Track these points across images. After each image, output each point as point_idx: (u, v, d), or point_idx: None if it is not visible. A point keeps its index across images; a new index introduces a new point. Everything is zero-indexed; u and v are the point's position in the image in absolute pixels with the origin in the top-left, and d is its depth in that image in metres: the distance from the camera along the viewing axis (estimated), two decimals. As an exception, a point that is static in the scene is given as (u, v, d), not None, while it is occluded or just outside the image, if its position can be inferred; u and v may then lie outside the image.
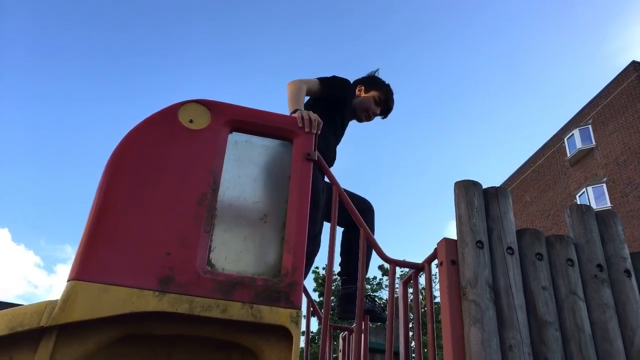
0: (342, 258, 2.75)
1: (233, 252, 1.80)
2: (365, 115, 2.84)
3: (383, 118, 2.89)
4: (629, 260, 1.86)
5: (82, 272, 1.60)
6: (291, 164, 2.01)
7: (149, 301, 1.59)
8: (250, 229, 1.88)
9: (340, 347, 2.81)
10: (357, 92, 2.85)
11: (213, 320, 1.64)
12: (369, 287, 17.65)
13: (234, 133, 2.04)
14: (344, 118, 2.78)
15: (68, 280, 1.59)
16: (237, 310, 1.64)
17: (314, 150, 2.05)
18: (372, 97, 2.82)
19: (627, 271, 1.82)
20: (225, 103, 2.05)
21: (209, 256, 1.75)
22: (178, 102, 2.00)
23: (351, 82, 2.83)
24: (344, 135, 2.84)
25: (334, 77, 2.70)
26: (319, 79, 2.63)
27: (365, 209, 2.55)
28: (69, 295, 1.55)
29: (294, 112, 2.20)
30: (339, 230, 2.76)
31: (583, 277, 1.78)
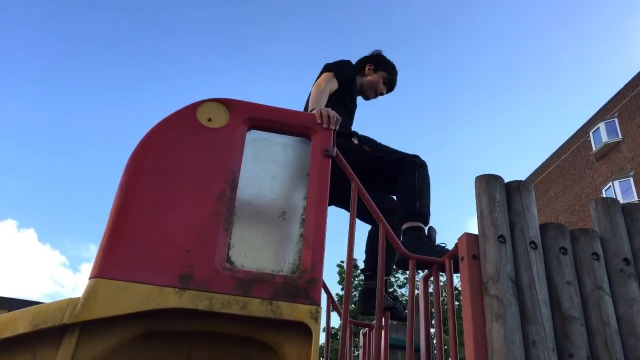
0: (366, 254, 2.75)
1: (252, 249, 1.80)
2: (372, 95, 2.94)
3: (386, 94, 2.99)
4: (657, 253, 1.81)
5: (104, 269, 1.62)
6: (310, 161, 2.01)
7: (169, 298, 1.60)
8: (269, 226, 1.89)
9: (361, 343, 2.80)
10: (366, 71, 2.91)
11: (233, 317, 1.64)
12: (394, 283, 17.59)
13: (252, 131, 2.04)
14: (352, 97, 2.86)
15: (90, 278, 1.61)
16: (256, 307, 1.64)
17: (333, 146, 2.04)
18: (381, 77, 2.90)
19: (655, 265, 1.77)
20: (243, 101, 2.06)
21: (228, 253, 1.76)
22: (197, 101, 2.01)
23: (352, 61, 2.90)
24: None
25: (339, 63, 2.77)
26: (332, 72, 2.69)
27: (393, 207, 2.51)
28: (90, 293, 1.57)
29: (313, 110, 2.22)
30: (364, 227, 2.76)
31: (609, 272, 1.74)
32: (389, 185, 2.48)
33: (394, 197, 2.61)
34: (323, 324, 2.47)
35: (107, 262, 1.63)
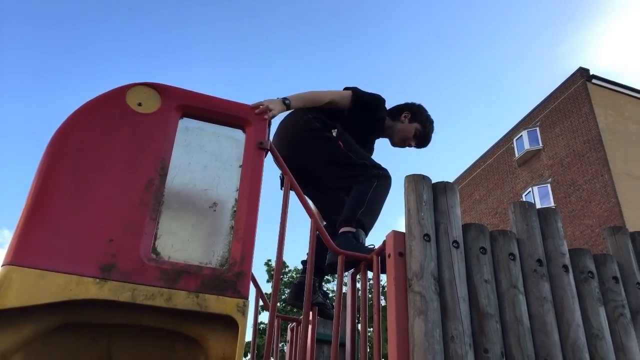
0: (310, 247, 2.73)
1: (180, 240, 1.76)
2: (400, 142, 2.81)
3: (417, 148, 2.87)
4: (567, 256, 1.94)
5: (18, 256, 1.52)
6: (243, 153, 1.98)
7: (89, 289, 1.53)
8: (199, 217, 1.85)
9: (289, 338, 2.81)
10: (402, 117, 2.78)
11: (157, 309, 1.60)
12: (330, 283, 17.71)
13: (185, 119, 1.99)
14: (372, 135, 2.75)
15: (2, 265, 1.51)
16: (181, 299, 1.61)
17: (267, 139, 2.03)
18: (414, 129, 2.78)
19: (565, 266, 1.90)
20: (176, 87, 2.00)
21: (154, 244, 1.71)
22: (126, 84, 1.93)
23: (386, 103, 2.78)
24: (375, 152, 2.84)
25: (369, 95, 2.67)
26: (353, 91, 2.62)
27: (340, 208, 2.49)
28: (2, 281, 1.47)
29: (282, 98, 2.26)
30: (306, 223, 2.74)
31: (524, 271, 1.84)
32: (345, 186, 2.44)
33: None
34: (251, 319, 2.46)
35: (22, 249, 1.54)
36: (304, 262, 2.66)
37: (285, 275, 16.99)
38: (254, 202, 1.88)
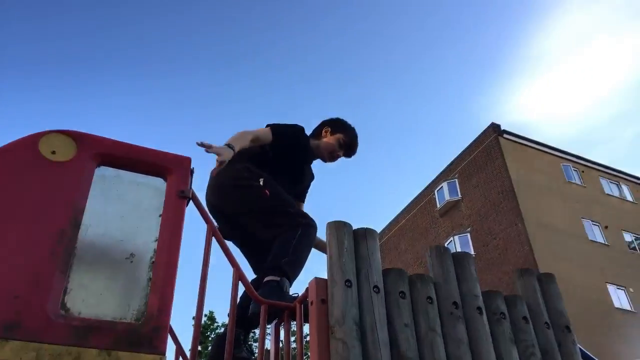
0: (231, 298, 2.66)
1: (93, 294, 1.68)
2: (329, 157, 2.92)
3: (347, 158, 2.99)
4: (481, 298, 2.03)
5: None
6: (164, 202, 1.95)
7: (-12, 349, 1.41)
8: (114, 269, 1.77)
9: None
10: (322, 133, 2.91)
11: (64, 369, 1.49)
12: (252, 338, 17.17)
13: (102, 167, 1.94)
14: (303, 162, 2.84)
15: None
16: (91, 358, 1.51)
17: (189, 187, 2.01)
18: (337, 140, 2.89)
19: (479, 308, 1.98)
20: (92, 135, 1.95)
21: (63, 298, 1.61)
22: (39, 131, 1.87)
23: (304, 126, 2.89)
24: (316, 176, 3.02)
25: (281, 125, 2.75)
26: (270, 126, 2.70)
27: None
28: None
29: (226, 144, 2.30)
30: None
31: (441, 314, 1.90)
32: (270, 234, 2.44)
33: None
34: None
35: None
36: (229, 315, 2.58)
37: (212, 332, 16.33)
38: (174, 252, 1.83)
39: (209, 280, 2.00)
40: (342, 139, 2.91)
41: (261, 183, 2.49)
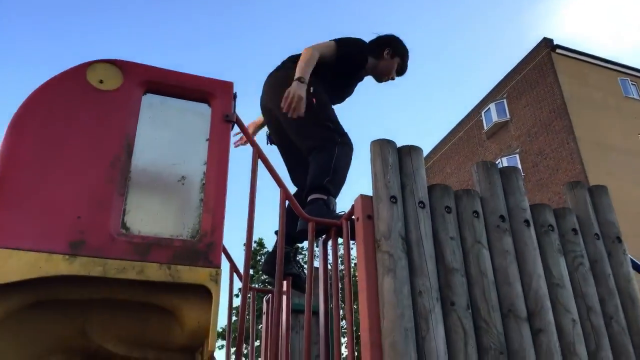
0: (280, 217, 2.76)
1: (149, 214, 1.77)
2: (385, 78, 2.93)
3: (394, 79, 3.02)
4: (529, 211, 2.01)
5: (-16, 237, 1.51)
6: (209, 126, 1.99)
7: (59, 265, 1.53)
8: (168, 191, 1.85)
9: (265, 309, 2.85)
10: (384, 54, 2.87)
11: (129, 283, 1.61)
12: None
13: (148, 95, 1.98)
14: (356, 79, 2.89)
15: (-32, 247, 1.50)
16: (154, 271, 1.62)
17: (233, 112, 2.04)
18: (397, 63, 2.89)
19: (526, 221, 1.97)
20: (137, 63, 1.98)
21: (123, 219, 1.71)
22: (85, 62, 1.91)
23: (366, 41, 2.91)
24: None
25: (347, 39, 2.80)
26: (335, 40, 2.73)
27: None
28: (-31, 262, 1.47)
29: (297, 79, 2.40)
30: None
31: (487, 227, 1.91)
32: (307, 145, 2.49)
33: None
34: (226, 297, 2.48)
35: (-12, 230, 1.53)
36: (276, 232, 2.68)
37: (261, 257, 17.04)
38: (222, 174, 1.89)
39: (256, 201, 2.07)
40: (400, 63, 2.89)
41: (311, 90, 2.50)
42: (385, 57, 2.86)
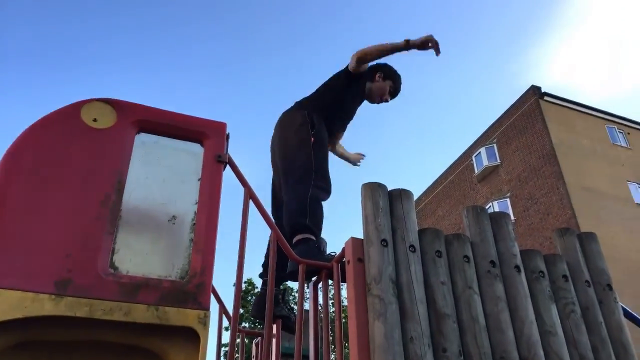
0: (265, 259, 2.75)
1: (138, 254, 1.75)
2: (378, 100, 3.09)
3: (390, 101, 3.17)
4: (519, 257, 2.02)
5: (-31, 275, 1.48)
6: (202, 166, 2.00)
7: (45, 305, 1.50)
8: (158, 231, 1.84)
9: (253, 353, 2.79)
10: (376, 77, 3.05)
11: (116, 324, 1.58)
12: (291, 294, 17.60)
13: (142, 134, 1.99)
14: (356, 96, 3.03)
15: (-48, 285, 1.47)
16: (141, 313, 1.59)
17: (225, 152, 2.05)
18: (388, 85, 3.06)
19: (517, 267, 1.97)
20: (132, 103, 2.00)
21: (112, 258, 1.69)
22: (80, 100, 1.93)
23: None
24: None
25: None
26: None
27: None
28: (-48, 301, 1.43)
29: (407, 41, 2.70)
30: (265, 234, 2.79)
31: (478, 273, 1.90)
32: (288, 194, 2.54)
33: None
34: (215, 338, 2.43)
35: (-27, 267, 1.50)
36: (261, 275, 2.67)
37: (252, 297, 16.77)
38: (214, 214, 1.89)
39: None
40: (392, 85, 3.06)
41: (312, 133, 2.65)
42: (377, 79, 3.04)
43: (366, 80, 3.00)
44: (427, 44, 2.70)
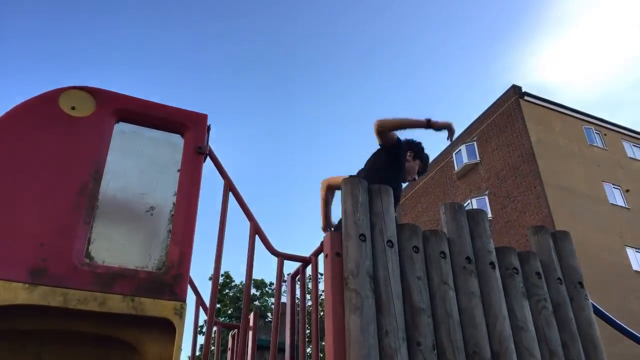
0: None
1: (115, 244, 1.74)
2: (409, 178, 3.08)
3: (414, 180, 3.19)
4: (494, 253, 2.05)
5: (-60, 262, 1.46)
6: (181, 157, 1.98)
7: (18, 294, 1.48)
8: (136, 221, 1.83)
9: (230, 345, 2.79)
10: (407, 156, 3.01)
11: (90, 314, 1.56)
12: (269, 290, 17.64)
13: (121, 123, 1.97)
14: (400, 172, 2.99)
15: None
16: (116, 303, 1.58)
17: (206, 144, 2.04)
18: (418, 165, 3.07)
19: (492, 263, 2.00)
20: (111, 91, 1.98)
21: (87, 248, 1.68)
22: (59, 87, 1.90)
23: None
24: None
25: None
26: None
27: None
28: None
29: (428, 121, 2.69)
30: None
31: (454, 268, 1.93)
32: None
33: None
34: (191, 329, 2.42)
35: (-56, 255, 1.47)
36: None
37: (230, 290, 16.73)
38: (192, 206, 1.88)
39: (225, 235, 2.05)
40: (420, 165, 3.07)
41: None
42: (408, 159, 3.01)
43: (400, 150, 2.93)
44: (446, 128, 2.73)
